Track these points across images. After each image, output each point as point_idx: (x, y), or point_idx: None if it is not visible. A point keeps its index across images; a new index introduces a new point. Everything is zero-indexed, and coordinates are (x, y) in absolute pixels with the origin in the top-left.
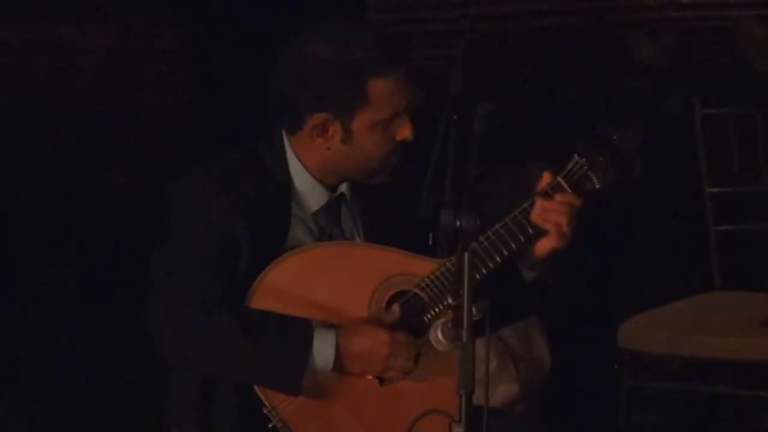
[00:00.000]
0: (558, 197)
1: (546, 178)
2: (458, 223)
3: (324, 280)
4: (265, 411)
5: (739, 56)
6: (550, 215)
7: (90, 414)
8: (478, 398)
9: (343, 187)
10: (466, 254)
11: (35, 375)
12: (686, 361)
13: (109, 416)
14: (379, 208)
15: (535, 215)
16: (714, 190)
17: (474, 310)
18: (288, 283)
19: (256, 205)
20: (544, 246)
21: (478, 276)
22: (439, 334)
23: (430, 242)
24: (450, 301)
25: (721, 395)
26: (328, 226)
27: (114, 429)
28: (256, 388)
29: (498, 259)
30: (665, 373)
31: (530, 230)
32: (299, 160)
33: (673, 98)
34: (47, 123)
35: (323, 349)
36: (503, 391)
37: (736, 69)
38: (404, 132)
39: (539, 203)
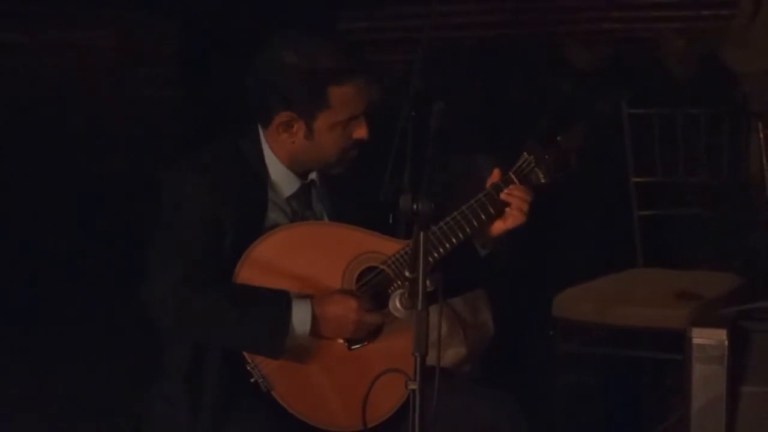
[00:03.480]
0: (522, 187)
1: (496, 174)
2: (415, 206)
3: (302, 256)
4: (248, 368)
5: (661, 63)
6: (520, 202)
7: (89, 373)
8: (431, 359)
9: (313, 175)
10: (421, 233)
11: (47, 335)
12: (612, 328)
13: (106, 375)
14: (346, 192)
15: (510, 197)
16: (638, 179)
17: (428, 282)
18: (271, 258)
19: (236, 192)
20: (500, 227)
21: (437, 255)
22: (398, 303)
23: (390, 222)
24: (407, 273)
25: (641, 358)
26: (300, 209)
27: (110, 386)
28: None
29: (454, 240)
30: (593, 339)
31: (483, 217)
32: (272, 152)
33: (603, 99)
34: (56, 116)
35: (301, 317)
36: (453, 354)
37: (659, 74)
38: (360, 132)
39: (510, 188)
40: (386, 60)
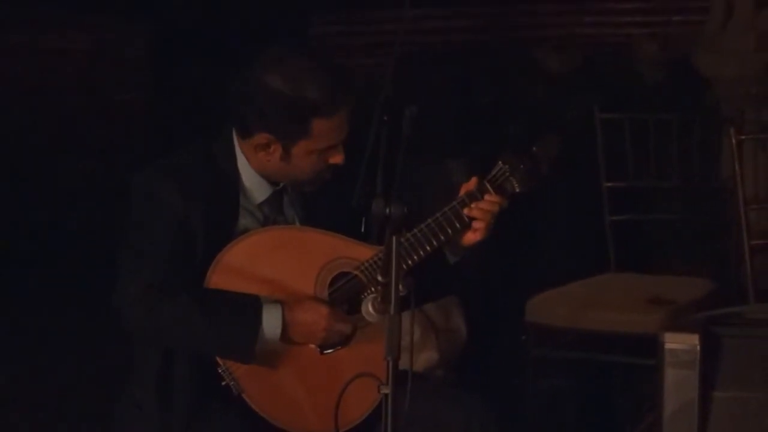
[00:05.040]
0: (488, 197)
1: (472, 182)
2: (387, 211)
3: (274, 261)
4: (219, 371)
5: (633, 69)
6: (485, 214)
7: (57, 377)
8: (403, 364)
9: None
10: (393, 237)
11: (16, 337)
12: (584, 333)
13: (75, 380)
14: (318, 198)
15: (474, 212)
16: (610, 184)
17: (400, 286)
18: (242, 263)
19: (208, 197)
20: (471, 238)
21: (410, 262)
22: (370, 308)
23: (363, 228)
24: (380, 278)
25: (613, 363)
26: (272, 214)
27: (80, 391)
28: None
29: (428, 248)
30: (566, 344)
31: (458, 225)
32: (246, 159)
33: (575, 104)
34: (30, 118)
35: (271, 322)
36: (425, 358)
37: (630, 80)
38: (337, 158)
39: (476, 204)
40: (358, 64)
